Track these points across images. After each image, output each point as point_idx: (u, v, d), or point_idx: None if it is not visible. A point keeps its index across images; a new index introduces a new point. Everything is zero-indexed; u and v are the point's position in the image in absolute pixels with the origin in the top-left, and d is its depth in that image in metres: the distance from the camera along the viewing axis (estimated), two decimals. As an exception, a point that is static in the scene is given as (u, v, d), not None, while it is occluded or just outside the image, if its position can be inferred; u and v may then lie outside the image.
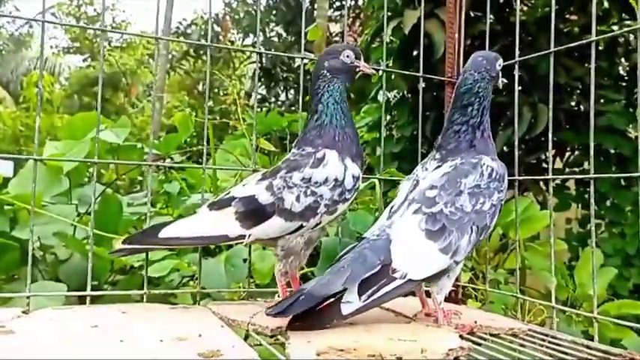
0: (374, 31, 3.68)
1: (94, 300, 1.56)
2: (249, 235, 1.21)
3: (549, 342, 1.14)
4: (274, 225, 1.22)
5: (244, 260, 1.82)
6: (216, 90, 10.46)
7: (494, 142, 1.31)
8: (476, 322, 1.21)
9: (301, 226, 1.23)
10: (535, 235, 2.96)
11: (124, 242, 1.20)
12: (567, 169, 4.08)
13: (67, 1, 13.01)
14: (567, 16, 3.96)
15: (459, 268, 1.16)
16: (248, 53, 8.60)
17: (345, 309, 1.01)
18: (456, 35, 1.55)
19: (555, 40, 1.38)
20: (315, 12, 6.91)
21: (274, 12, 8.06)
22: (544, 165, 4.46)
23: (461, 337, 1.09)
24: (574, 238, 3.84)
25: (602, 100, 3.92)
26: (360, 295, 1.01)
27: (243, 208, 1.21)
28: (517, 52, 1.43)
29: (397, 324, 1.16)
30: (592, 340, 1.18)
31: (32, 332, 0.99)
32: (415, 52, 3.59)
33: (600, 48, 3.96)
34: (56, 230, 1.84)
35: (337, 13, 8.06)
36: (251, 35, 8.99)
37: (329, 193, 1.23)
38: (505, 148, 3.69)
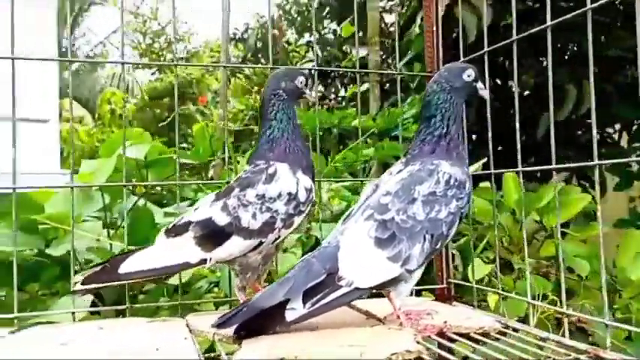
0: (405, 19, 3.63)
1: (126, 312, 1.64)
2: (211, 259, 1.23)
3: (517, 339, 1.11)
4: (234, 245, 1.23)
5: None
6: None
7: (464, 149, 1.27)
8: (446, 322, 1.18)
9: (260, 243, 1.25)
10: (591, 217, 2.82)
11: (83, 283, 1.18)
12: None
13: (133, 19, 13.61)
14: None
15: (417, 273, 1.15)
16: (303, 52, 8.72)
17: (289, 316, 1.02)
18: (434, 28, 1.51)
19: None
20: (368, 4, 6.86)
21: (327, 9, 8.07)
22: (608, 141, 4.23)
23: (428, 338, 1.09)
24: (637, 217, 3.62)
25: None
26: (304, 302, 1.03)
27: (201, 232, 1.23)
28: (486, 43, 1.39)
29: (360, 327, 1.15)
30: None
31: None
32: (454, 36, 3.50)
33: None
34: (90, 245, 1.97)
35: (391, 3, 7.97)
36: (305, 35, 9.06)
37: (284, 207, 1.25)
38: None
